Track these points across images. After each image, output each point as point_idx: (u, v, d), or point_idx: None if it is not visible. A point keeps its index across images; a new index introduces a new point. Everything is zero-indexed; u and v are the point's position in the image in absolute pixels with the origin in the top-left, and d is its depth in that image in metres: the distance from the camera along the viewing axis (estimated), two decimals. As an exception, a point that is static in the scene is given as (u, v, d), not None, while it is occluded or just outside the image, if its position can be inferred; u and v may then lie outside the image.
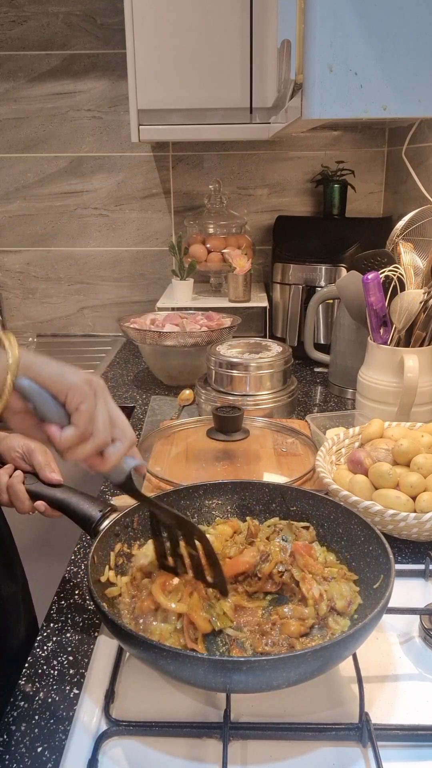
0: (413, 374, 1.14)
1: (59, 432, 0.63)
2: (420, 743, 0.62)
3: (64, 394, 0.63)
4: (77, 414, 0.63)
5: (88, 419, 0.63)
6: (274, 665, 0.57)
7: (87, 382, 0.64)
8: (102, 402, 0.65)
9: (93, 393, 0.64)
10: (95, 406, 0.64)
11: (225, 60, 1.62)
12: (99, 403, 0.65)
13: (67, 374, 0.64)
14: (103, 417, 0.65)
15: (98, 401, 0.65)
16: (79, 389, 0.63)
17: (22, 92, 2.02)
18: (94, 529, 0.77)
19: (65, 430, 0.63)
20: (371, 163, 2.05)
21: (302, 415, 1.38)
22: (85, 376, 0.65)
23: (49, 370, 0.63)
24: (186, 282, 1.91)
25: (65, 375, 0.63)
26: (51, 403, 0.63)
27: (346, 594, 0.71)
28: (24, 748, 0.61)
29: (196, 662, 0.58)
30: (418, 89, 1.03)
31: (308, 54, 1.01)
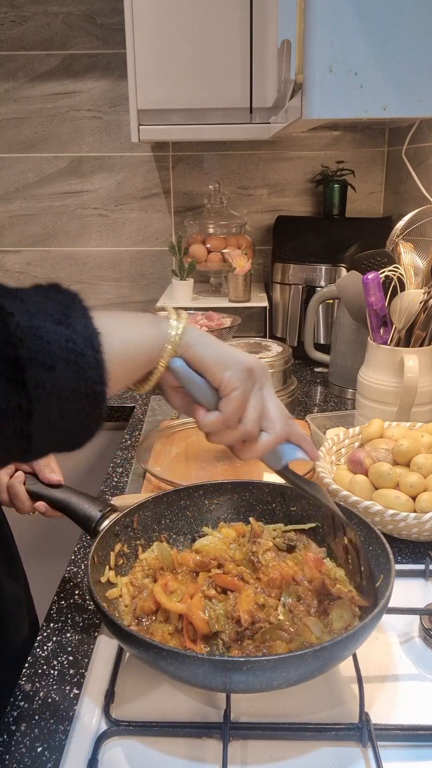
0: (413, 374, 1.14)
1: (204, 415, 0.61)
2: (420, 743, 0.62)
3: (219, 380, 0.61)
4: (226, 401, 0.61)
5: (236, 408, 0.61)
6: (274, 665, 0.57)
7: (247, 369, 0.62)
8: (258, 390, 0.63)
9: (251, 381, 0.62)
10: (249, 395, 0.62)
11: (225, 60, 1.62)
12: (254, 391, 0.62)
13: (227, 359, 0.61)
14: (254, 407, 0.62)
15: (254, 389, 0.62)
16: (236, 376, 0.61)
17: (22, 92, 2.02)
18: (94, 529, 0.77)
19: (210, 415, 0.61)
20: (371, 163, 2.05)
21: (302, 415, 1.38)
22: (248, 361, 0.62)
23: (209, 353, 0.61)
24: (186, 282, 1.91)
25: (225, 360, 0.61)
26: (202, 387, 0.61)
27: (346, 618, 0.70)
28: (24, 748, 0.61)
29: (196, 662, 0.58)
30: (418, 89, 1.03)
31: (308, 54, 1.01)
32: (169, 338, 0.59)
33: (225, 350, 0.62)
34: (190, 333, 0.61)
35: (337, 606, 0.71)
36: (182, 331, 0.60)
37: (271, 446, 0.64)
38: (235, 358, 0.61)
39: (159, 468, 1.09)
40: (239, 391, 0.61)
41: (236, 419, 0.62)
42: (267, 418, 0.63)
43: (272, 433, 0.63)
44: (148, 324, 0.60)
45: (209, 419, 0.61)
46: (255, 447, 0.64)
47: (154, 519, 0.83)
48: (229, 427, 0.62)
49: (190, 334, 0.61)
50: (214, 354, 0.61)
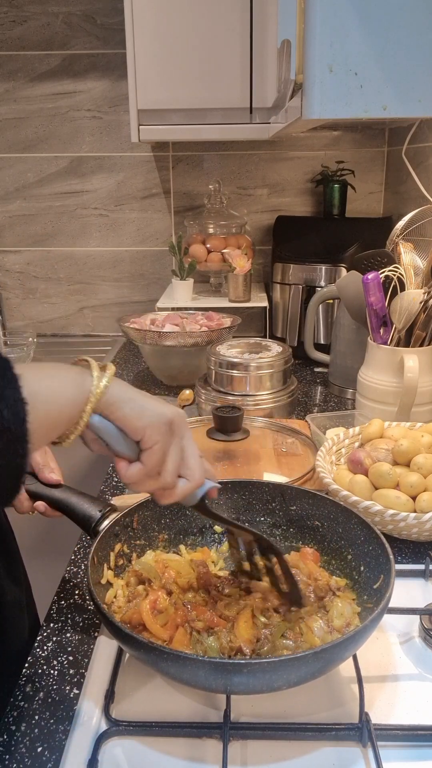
0: (413, 374, 1.14)
1: (126, 467, 0.64)
2: (420, 743, 0.62)
3: (140, 435, 0.62)
4: (148, 453, 0.63)
5: (157, 461, 0.63)
6: (275, 667, 0.57)
7: (167, 422, 0.63)
8: (177, 442, 0.65)
9: (171, 433, 0.64)
10: (169, 447, 0.64)
11: (225, 60, 1.62)
12: (173, 443, 0.64)
13: (148, 414, 0.62)
14: (174, 459, 0.64)
15: (173, 441, 0.64)
16: (156, 429, 0.62)
17: (22, 92, 2.02)
18: (94, 529, 0.77)
19: (132, 467, 0.64)
20: (371, 163, 2.05)
21: (302, 415, 1.38)
22: (167, 414, 0.64)
23: (130, 410, 0.62)
24: (186, 282, 1.91)
25: (145, 415, 0.62)
26: (122, 441, 0.63)
27: (346, 615, 0.70)
28: (24, 748, 0.61)
29: (196, 664, 0.57)
30: (418, 89, 1.03)
31: (308, 54, 1.01)
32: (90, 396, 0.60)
33: (145, 405, 0.63)
34: (112, 389, 0.61)
35: (337, 603, 0.71)
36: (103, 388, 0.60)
37: (189, 492, 0.67)
38: (155, 412, 0.63)
39: (159, 468, 1.09)
40: (159, 444, 0.63)
41: (157, 471, 0.64)
42: (186, 466, 0.66)
43: (191, 480, 0.67)
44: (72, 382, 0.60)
45: (131, 472, 0.63)
46: (173, 493, 0.66)
47: (154, 519, 0.83)
48: (150, 477, 0.64)
49: (112, 390, 0.61)
50: (134, 410, 0.62)
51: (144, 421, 0.62)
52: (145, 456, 0.63)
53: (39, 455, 0.86)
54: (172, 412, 0.65)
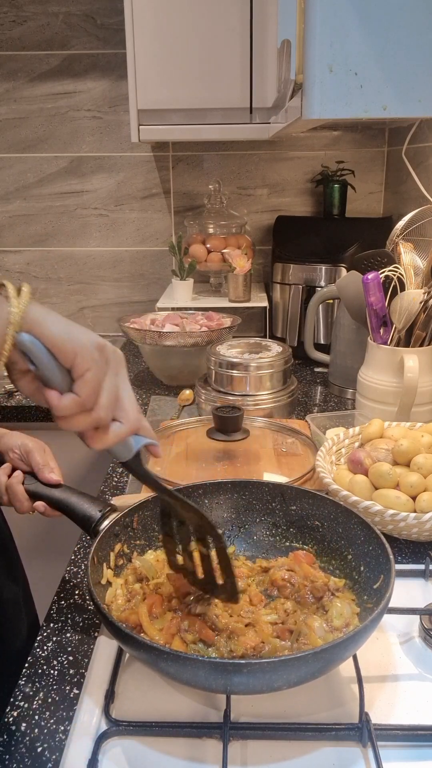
0: (413, 374, 1.14)
1: (58, 398, 0.58)
2: (420, 743, 0.62)
3: (70, 358, 0.57)
4: (81, 382, 0.58)
5: (91, 389, 0.58)
6: (275, 667, 0.57)
7: (99, 348, 0.59)
8: (112, 374, 0.60)
9: (104, 361, 0.59)
10: (104, 377, 0.59)
11: (225, 60, 1.62)
12: (108, 374, 0.60)
13: (78, 336, 0.58)
14: (109, 391, 0.59)
15: (107, 371, 0.59)
16: (88, 355, 0.58)
17: (22, 92, 2.02)
18: (94, 529, 0.77)
19: (64, 397, 0.58)
20: (371, 163, 2.05)
21: (302, 415, 1.38)
22: (99, 340, 0.59)
23: (58, 328, 0.57)
24: (186, 282, 1.91)
25: (75, 336, 0.58)
26: (54, 367, 0.58)
27: (346, 615, 0.70)
28: (24, 748, 0.61)
29: (196, 664, 0.57)
30: (418, 89, 1.03)
31: (308, 54, 1.01)
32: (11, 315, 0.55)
33: (74, 328, 0.59)
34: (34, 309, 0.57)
35: (336, 603, 0.71)
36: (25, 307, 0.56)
37: (124, 436, 0.62)
38: (86, 335, 0.59)
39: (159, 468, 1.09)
40: (92, 372, 0.58)
41: (92, 402, 0.59)
42: (120, 407, 0.61)
43: (126, 423, 0.61)
44: None
45: (64, 402, 0.58)
46: (107, 436, 0.61)
47: (153, 519, 0.83)
48: (84, 410, 0.59)
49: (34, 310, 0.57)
50: (63, 331, 0.57)
51: (74, 343, 0.57)
52: (78, 385, 0.58)
53: (38, 455, 0.86)
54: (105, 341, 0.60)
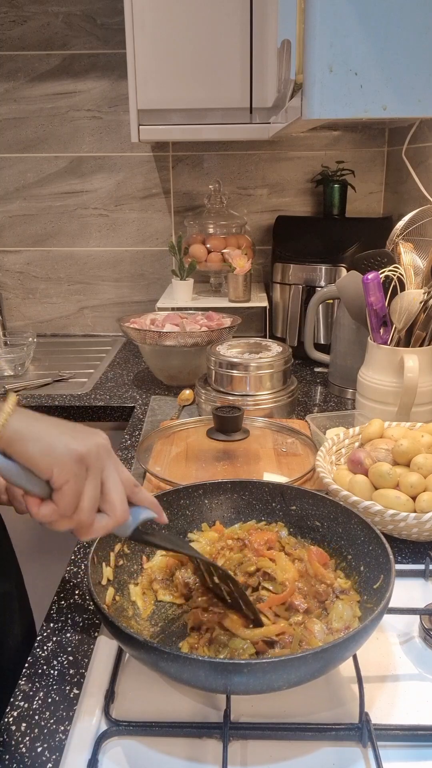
0: (413, 374, 1.14)
1: (37, 506, 0.59)
2: (420, 743, 0.62)
3: (47, 474, 0.57)
4: (59, 494, 0.58)
5: (69, 501, 0.58)
6: (275, 667, 0.56)
7: (78, 458, 0.58)
8: (93, 477, 0.60)
9: (84, 470, 0.59)
10: (83, 485, 0.59)
11: (225, 60, 1.62)
12: (89, 479, 0.60)
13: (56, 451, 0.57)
14: (89, 497, 0.60)
15: (88, 477, 0.60)
16: (66, 467, 0.58)
17: (22, 92, 2.02)
18: None
19: (43, 506, 0.59)
20: (371, 163, 2.05)
21: (302, 415, 1.38)
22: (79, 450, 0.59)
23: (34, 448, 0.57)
24: (186, 282, 1.91)
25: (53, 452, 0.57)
26: (30, 480, 0.58)
27: (345, 618, 0.70)
28: (24, 748, 0.61)
29: (196, 665, 0.57)
30: (418, 89, 1.03)
31: (308, 54, 1.01)
32: None
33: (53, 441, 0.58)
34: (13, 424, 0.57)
35: (337, 605, 0.71)
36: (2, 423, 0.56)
37: (110, 529, 0.63)
38: (65, 448, 0.58)
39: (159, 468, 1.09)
40: (71, 484, 0.58)
41: (71, 510, 0.59)
42: (106, 500, 0.62)
43: (112, 515, 0.62)
44: None
45: (43, 512, 0.59)
46: (92, 530, 0.62)
47: (154, 519, 0.83)
48: (64, 517, 0.60)
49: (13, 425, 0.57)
50: (39, 448, 0.57)
51: (51, 458, 0.57)
52: (57, 497, 0.58)
53: None
54: (86, 445, 0.60)
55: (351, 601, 0.72)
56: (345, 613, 0.70)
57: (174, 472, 1.06)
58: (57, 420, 0.62)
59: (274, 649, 0.66)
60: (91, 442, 0.61)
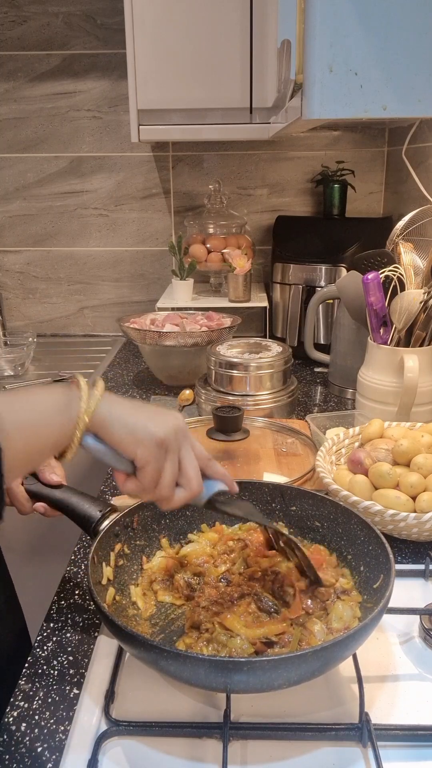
0: (413, 374, 1.14)
1: (123, 480, 0.66)
2: (420, 743, 0.62)
3: (132, 453, 0.64)
4: (142, 472, 0.65)
5: (151, 478, 0.65)
6: (275, 666, 0.57)
7: (158, 442, 0.64)
8: (172, 457, 0.66)
9: (164, 452, 0.65)
10: (164, 464, 0.65)
11: (225, 60, 1.62)
12: (168, 459, 0.65)
13: (139, 434, 0.64)
14: (169, 474, 0.66)
15: (168, 458, 0.65)
16: (148, 451, 0.64)
17: (22, 92, 2.02)
18: (94, 529, 0.77)
19: (128, 482, 0.66)
20: (371, 163, 2.05)
21: (302, 415, 1.38)
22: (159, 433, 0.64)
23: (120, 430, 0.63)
24: (186, 282, 1.91)
25: (136, 435, 0.63)
26: (117, 459, 0.65)
27: (345, 618, 0.70)
28: (24, 748, 0.61)
29: (196, 663, 0.58)
30: (418, 89, 1.03)
31: (308, 54, 1.01)
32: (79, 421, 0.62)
33: (137, 424, 0.64)
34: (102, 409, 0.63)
35: (337, 606, 0.71)
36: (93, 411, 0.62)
37: (187, 501, 0.68)
38: (146, 432, 0.64)
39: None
40: (152, 465, 0.64)
41: (153, 485, 0.66)
42: (183, 475, 0.67)
43: (188, 490, 0.68)
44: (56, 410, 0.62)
45: (128, 487, 0.66)
46: (172, 502, 0.68)
47: (153, 519, 0.83)
48: (146, 492, 0.66)
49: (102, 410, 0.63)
50: (125, 431, 0.63)
51: (135, 441, 0.63)
52: (140, 474, 0.65)
53: None
54: (165, 429, 0.65)
55: (352, 601, 0.72)
56: (345, 613, 0.70)
57: (174, 472, 1.06)
58: (139, 404, 0.68)
59: (274, 649, 0.66)
60: (170, 426, 0.66)
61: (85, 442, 0.63)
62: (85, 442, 0.63)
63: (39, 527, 1.61)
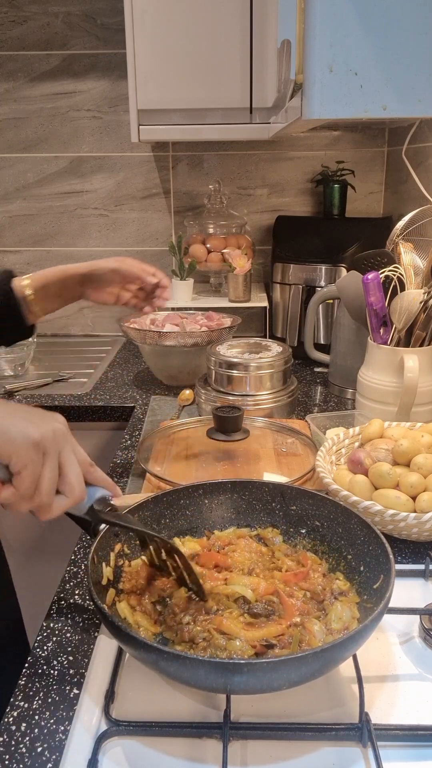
0: (413, 374, 1.14)
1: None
2: (420, 743, 0.62)
3: (7, 458, 0.60)
4: (18, 478, 0.61)
5: (28, 484, 0.62)
6: (275, 667, 0.56)
7: (35, 445, 0.61)
8: (51, 461, 0.63)
9: (41, 454, 0.62)
10: (41, 469, 0.62)
11: (225, 60, 1.62)
12: (46, 463, 0.62)
13: (14, 436, 0.60)
14: (48, 480, 0.63)
15: (46, 462, 0.62)
16: (23, 453, 0.60)
17: (22, 92, 2.02)
18: (94, 529, 0.77)
19: (4, 490, 0.62)
20: (371, 163, 2.05)
21: (302, 415, 1.38)
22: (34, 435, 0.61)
23: None
24: (186, 282, 1.91)
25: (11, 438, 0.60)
26: None
27: (344, 619, 0.69)
28: (24, 748, 0.61)
29: (196, 664, 0.57)
30: (418, 89, 1.03)
31: (308, 54, 1.01)
32: None
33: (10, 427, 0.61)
34: None
35: (336, 606, 0.71)
36: None
37: (67, 508, 0.66)
38: (21, 434, 0.61)
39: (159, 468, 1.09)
40: (28, 469, 0.61)
41: (31, 492, 0.62)
42: (64, 482, 0.65)
43: (70, 496, 0.65)
44: None
45: (4, 495, 0.62)
46: (51, 510, 0.65)
47: (153, 519, 0.83)
48: (24, 499, 0.63)
49: None
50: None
51: (8, 445, 0.60)
52: (16, 481, 0.61)
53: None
54: (42, 431, 0.62)
55: (350, 602, 0.72)
56: (344, 614, 0.70)
57: (174, 472, 1.06)
58: (14, 405, 0.65)
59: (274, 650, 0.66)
60: (48, 428, 0.63)
61: None
62: None
63: (39, 527, 1.61)
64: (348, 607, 0.71)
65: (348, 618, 0.70)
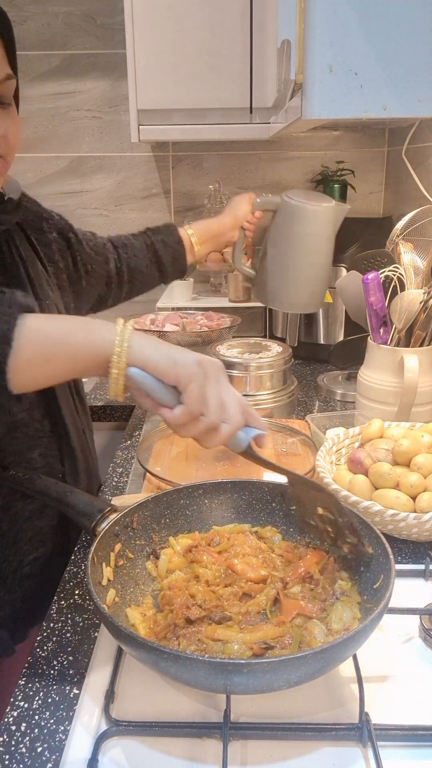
0: (413, 374, 1.14)
1: (170, 412, 0.68)
2: (420, 743, 0.62)
3: (174, 378, 0.66)
4: (186, 394, 0.66)
5: (197, 399, 0.67)
6: (275, 667, 0.56)
7: (198, 363, 0.67)
8: (213, 383, 0.68)
9: (203, 373, 0.67)
10: (206, 386, 0.67)
11: (225, 60, 1.62)
12: (209, 384, 0.68)
13: (178, 357, 0.67)
14: (214, 397, 0.68)
15: (208, 383, 0.68)
16: (189, 370, 0.66)
17: (23, 92, 2.00)
18: (94, 530, 0.77)
19: (175, 410, 0.67)
20: (371, 163, 2.05)
21: (302, 415, 1.38)
22: (196, 356, 0.68)
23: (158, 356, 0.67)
24: (186, 282, 1.91)
25: (174, 358, 0.67)
26: (161, 388, 0.67)
27: (345, 620, 0.69)
28: (24, 748, 0.61)
29: (196, 664, 0.57)
30: (418, 89, 1.03)
31: (308, 54, 1.01)
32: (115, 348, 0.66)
33: (173, 353, 0.68)
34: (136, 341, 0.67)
35: (337, 607, 0.71)
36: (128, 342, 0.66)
37: (231, 434, 0.70)
38: (183, 357, 0.68)
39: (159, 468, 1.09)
40: (195, 383, 0.67)
41: (199, 410, 0.67)
42: (225, 410, 0.69)
43: (231, 423, 0.69)
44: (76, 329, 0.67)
45: (175, 414, 0.67)
46: (217, 436, 0.69)
47: (153, 519, 0.83)
48: (193, 418, 0.68)
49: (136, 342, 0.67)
50: (163, 356, 0.67)
51: (175, 365, 0.66)
52: (185, 397, 0.67)
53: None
54: (202, 355, 0.69)
55: (351, 602, 0.72)
56: (345, 614, 0.70)
57: (174, 472, 1.06)
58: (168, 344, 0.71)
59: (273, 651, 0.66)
60: (203, 356, 0.70)
61: (129, 373, 0.66)
62: (129, 373, 0.66)
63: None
64: (349, 607, 0.71)
65: (349, 618, 0.69)
